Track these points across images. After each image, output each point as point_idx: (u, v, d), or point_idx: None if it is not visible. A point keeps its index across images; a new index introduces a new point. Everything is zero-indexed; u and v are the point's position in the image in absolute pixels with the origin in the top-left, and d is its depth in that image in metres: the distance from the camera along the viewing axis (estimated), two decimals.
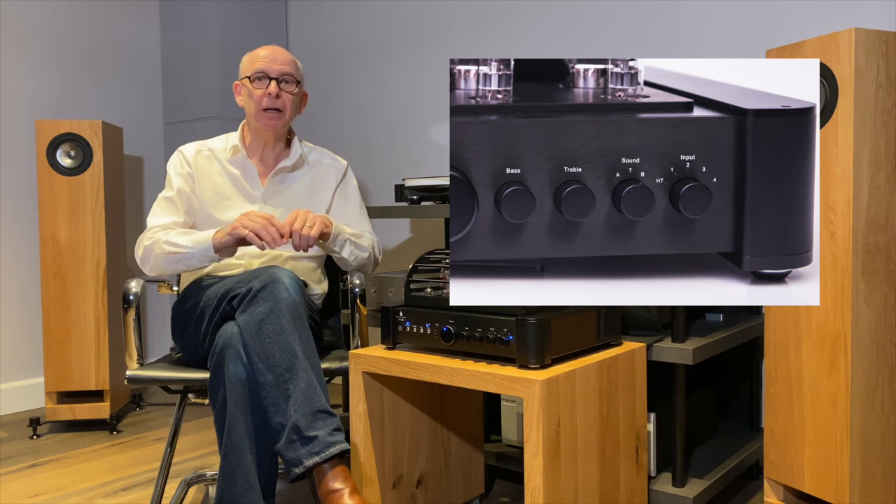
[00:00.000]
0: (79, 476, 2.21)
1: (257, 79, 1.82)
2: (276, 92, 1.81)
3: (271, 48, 1.85)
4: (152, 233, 1.79)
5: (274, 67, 1.82)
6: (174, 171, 1.88)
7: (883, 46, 1.43)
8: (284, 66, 1.83)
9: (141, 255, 1.79)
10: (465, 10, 2.81)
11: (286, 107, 1.84)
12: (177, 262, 1.74)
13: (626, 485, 1.54)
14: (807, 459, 1.53)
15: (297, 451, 1.44)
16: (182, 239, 1.73)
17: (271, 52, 1.84)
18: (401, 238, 3.06)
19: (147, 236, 1.79)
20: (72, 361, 2.64)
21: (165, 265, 1.75)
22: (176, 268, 1.76)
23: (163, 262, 1.75)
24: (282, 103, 1.83)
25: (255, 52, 1.86)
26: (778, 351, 1.58)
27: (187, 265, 1.74)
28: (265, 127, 1.84)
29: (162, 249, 1.74)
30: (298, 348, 1.51)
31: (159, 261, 1.75)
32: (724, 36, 2.22)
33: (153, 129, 3.45)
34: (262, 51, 1.85)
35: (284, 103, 1.83)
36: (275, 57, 1.83)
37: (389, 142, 3.07)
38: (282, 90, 1.83)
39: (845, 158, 1.42)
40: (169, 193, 1.86)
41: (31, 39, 3.03)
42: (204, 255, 1.72)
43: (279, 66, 1.82)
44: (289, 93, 1.84)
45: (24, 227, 3.02)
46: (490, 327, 1.40)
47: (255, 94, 1.82)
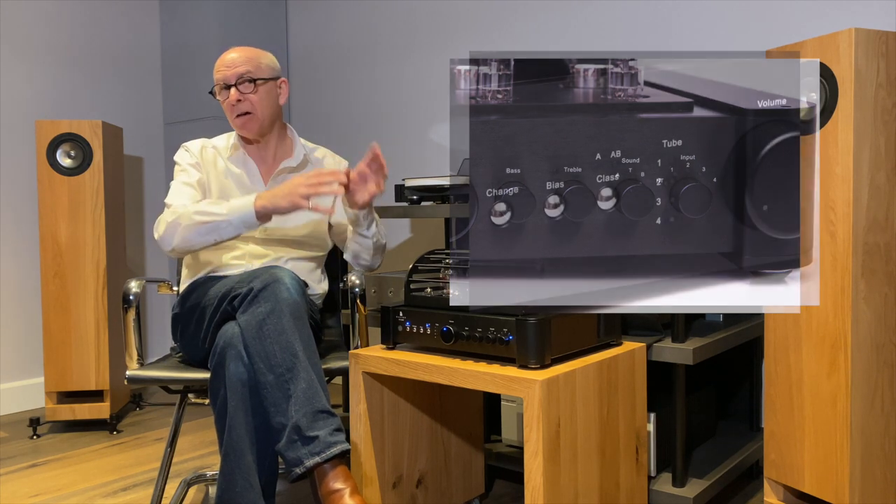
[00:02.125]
0: (79, 476, 2.21)
1: (220, 89, 1.84)
2: (237, 97, 1.81)
3: (229, 51, 1.85)
4: (175, 209, 1.73)
5: (230, 73, 1.82)
6: (187, 163, 1.87)
7: (883, 46, 1.43)
8: (239, 68, 1.82)
9: (163, 232, 1.72)
10: (466, 9, 2.81)
11: (254, 107, 1.83)
12: (209, 231, 1.67)
13: (626, 485, 1.54)
14: (807, 459, 1.53)
15: (298, 451, 1.45)
16: (215, 207, 1.68)
17: (227, 58, 1.84)
18: (401, 238, 3.06)
19: (170, 212, 1.73)
20: (72, 361, 2.64)
21: (196, 236, 1.68)
22: (206, 239, 1.69)
23: (193, 232, 1.68)
24: (248, 105, 1.82)
25: (220, 58, 1.86)
26: (778, 351, 1.58)
27: (220, 235, 1.68)
28: (242, 130, 1.86)
29: (191, 220, 1.68)
30: (299, 348, 1.51)
31: (188, 233, 1.68)
32: (724, 36, 2.22)
33: (153, 129, 3.45)
34: (222, 57, 1.86)
35: (251, 104, 1.83)
36: (227, 62, 1.83)
37: (389, 142, 3.07)
38: (242, 93, 1.82)
39: (845, 158, 1.42)
40: (189, 179, 1.84)
41: (30, 39, 3.03)
42: (242, 223, 1.66)
43: (234, 70, 1.82)
44: (250, 93, 1.83)
45: (24, 227, 3.02)
46: (490, 327, 1.40)
47: (223, 105, 1.85)
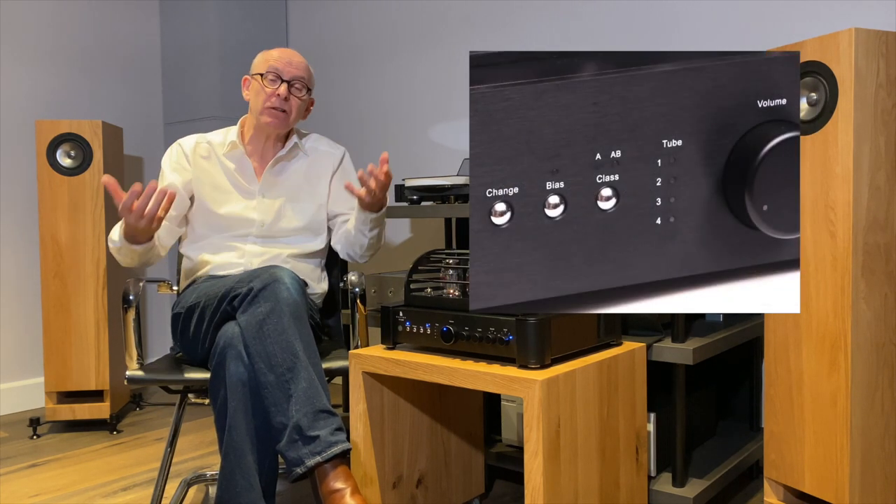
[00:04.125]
0: (79, 476, 2.21)
1: (270, 78, 1.82)
2: (286, 94, 1.82)
3: (289, 51, 1.87)
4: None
5: (288, 70, 1.83)
6: (168, 167, 1.88)
7: (883, 46, 1.43)
8: (298, 71, 1.85)
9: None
10: (466, 9, 2.81)
11: (292, 110, 1.85)
12: (119, 254, 1.72)
13: (626, 485, 1.54)
14: (807, 459, 1.53)
15: (299, 451, 1.45)
16: (115, 233, 1.72)
17: (288, 54, 1.86)
18: (401, 238, 3.06)
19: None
20: (72, 361, 2.64)
21: (120, 259, 1.73)
22: (126, 261, 1.73)
23: (118, 256, 1.73)
24: (289, 106, 1.84)
25: (269, 51, 1.87)
26: (778, 351, 1.58)
27: (126, 257, 1.71)
28: (268, 124, 1.84)
29: (111, 243, 1.73)
30: (299, 348, 1.51)
31: (118, 259, 1.74)
32: (724, 36, 2.22)
33: (153, 129, 3.45)
34: (277, 51, 1.86)
35: (291, 106, 1.84)
36: (290, 60, 1.84)
37: (389, 142, 3.07)
38: (291, 93, 1.84)
39: (845, 158, 1.42)
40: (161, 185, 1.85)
41: (30, 39, 3.03)
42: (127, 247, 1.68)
43: (293, 70, 1.84)
44: (298, 97, 1.85)
45: (24, 227, 3.02)
46: (490, 327, 1.40)
47: (265, 90, 1.82)
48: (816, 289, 1.49)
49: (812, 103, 1.47)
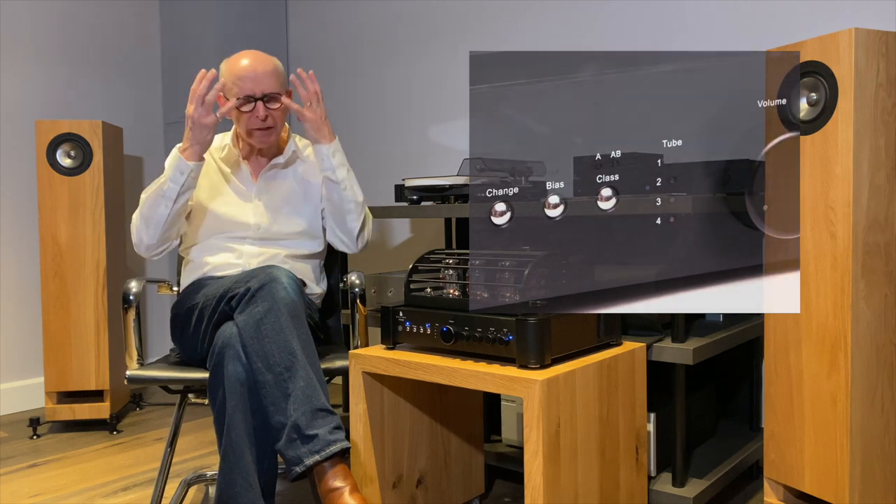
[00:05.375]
0: (79, 476, 2.20)
1: (243, 104, 1.78)
2: (264, 114, 1.79)
3: (252, 59, 1.79)
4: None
5: (258, 87, 1.77)
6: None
7: (883, 46, 1.43)
8: (268, 83, 1.78)
9: (135, 235, 1.79)
10: (466, 9, 2.81)
11: (276, 122, 1.82)
12: (156, 199, 1.72)
13: (626, 485, 1.54)
14: (807, 459, 1.53)
15: (298, 450, 1.45)
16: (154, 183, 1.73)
17: (252, 64, 1.78)
18: (401, 238, 3.06)
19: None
20: (72, 361, 2.64)
21: (150, 211, 1.73)
22: (159, 207, 1.73)
23: (147, 209, 1.74)
24: (271, 121, 1.81)
25: (235, 63, 1.79)
26: (778, 351, 1.58)
27: (164, 194, 1.72)
28: (260, 142, 1.85)
29: (142, 206, 1.74)
30: (297, 347, 1.51)
31: (145, 215, 1.74)
32: (724, 36, 2.22)
33: (153, 129, 3.45)
34: (240, 64, 1.78)
35: (274, 119, 1.81)
36: (256, 72, 1.77)
37: (389, 142, 3.07)
38: (269, 109, 1.79)
39: (845, 158, 1.42)
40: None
41: (31, 39, 3.03)
42: (177, 170, 1.70)
43: (262, 86, 1.77)
44: (275, 109, 1.80)
45: (24, 227, 3.02)
46: (490, 327, 1.40)
47: (242, 116, 1.80)
48: (816, 289, 1.49)
49: (812, 103, 1.47)
